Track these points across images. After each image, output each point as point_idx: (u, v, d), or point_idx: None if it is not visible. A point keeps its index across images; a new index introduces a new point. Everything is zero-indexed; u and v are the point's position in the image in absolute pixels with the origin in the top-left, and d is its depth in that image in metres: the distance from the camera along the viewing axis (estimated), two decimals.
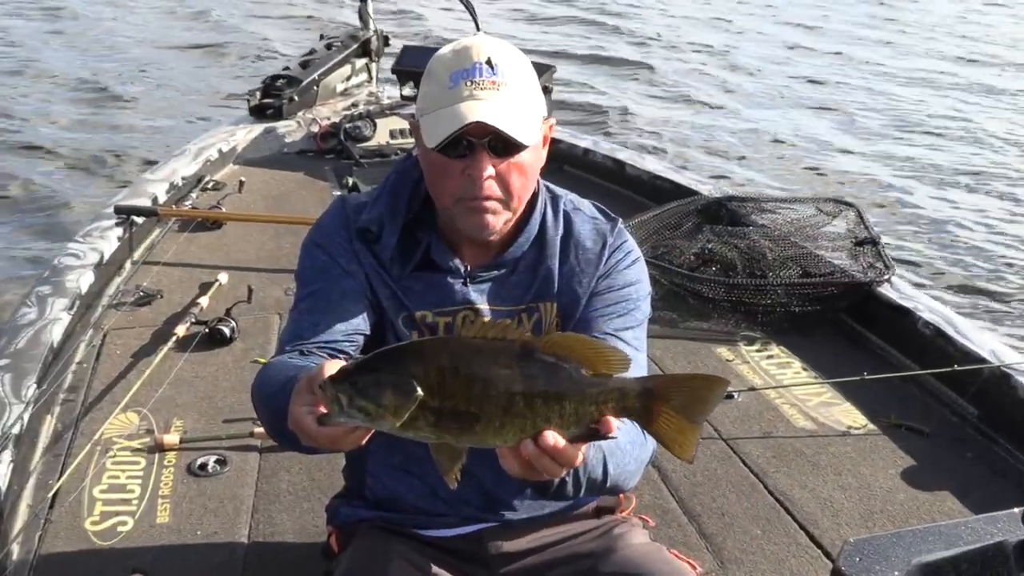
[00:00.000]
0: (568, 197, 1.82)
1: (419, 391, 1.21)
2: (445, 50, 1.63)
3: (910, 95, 11.94)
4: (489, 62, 1.56)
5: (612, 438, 1.28)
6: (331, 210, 1.80)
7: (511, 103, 1.56)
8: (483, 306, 1.73)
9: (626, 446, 1.59)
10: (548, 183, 1.82)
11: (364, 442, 1.30)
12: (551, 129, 1.71)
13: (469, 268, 1.73)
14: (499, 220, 1.64)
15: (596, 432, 1.27)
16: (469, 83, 1.55)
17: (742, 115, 10.86)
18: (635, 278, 1.79)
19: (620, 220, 1.83)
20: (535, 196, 1.74)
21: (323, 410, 1.25)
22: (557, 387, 1.25)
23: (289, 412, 1.33)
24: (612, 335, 1.72)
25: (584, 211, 1.81)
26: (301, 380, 1.33)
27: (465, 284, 1.73)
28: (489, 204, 1.61)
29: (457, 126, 1.53)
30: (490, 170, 1.58)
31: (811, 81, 12.58)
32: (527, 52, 1.72)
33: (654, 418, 1.28)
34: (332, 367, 1.27)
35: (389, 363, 1.23)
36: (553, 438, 1.24)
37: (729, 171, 8.76)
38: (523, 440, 1.25)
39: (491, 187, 1.59)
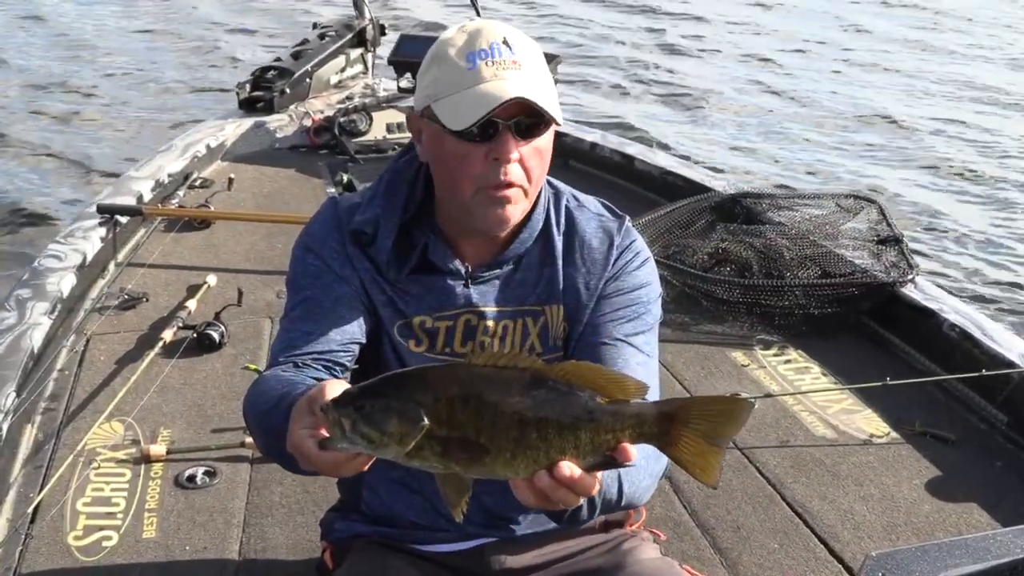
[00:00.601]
0: (570, 193, 1.82)
1: (425, 420, 1.20)
2: (451, 34, 1.62)
3: (931, 90, 11.92)
4: (506, 42, 1.57)
5: (630, 466, 1.27)
6: (322, 212, 1.80)
7: (535, 80, 1.57)
8: (486, 308, 1.73)
9: (640, 462, 1.58)
10: (549, 178, 1.81)
11: (366, 468, 1.30)
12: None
13: (470, 268, 1.73)
14: (517, 210, 1.64)
15: (613, 460, 1.26)
16: (491, 63, 1.55)
17: (760, 108, 10.85)
18: (645, 280, 1.79)
19: (627, 217, 1.83)
20: (538, 191, 1.74)
21: (324, 433, 1.25)
22: (571, 416, 1.24)
23: (288, 434, 1.33)
24: (622, 341, 1.72)
25: (588, 208, 1.81)
26: (301, 401, 1.33)
27: (466, 285, 1.73)
28: (511, 192, 1.60)
29: (491, 105, 1.52)
30: (516, 153, 1.58)
31: (831, 72, 12.57)
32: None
33: (674, 443, 1.27)
34: (333, 388, 1.27)
35: (395, 389, 1.23)
36: (569, 469, 1.23)
37: (744, 166, 8.76)
38: (537, 471, 1.24)
39: (515, 172, 1.59)
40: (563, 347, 1.77)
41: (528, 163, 1.60)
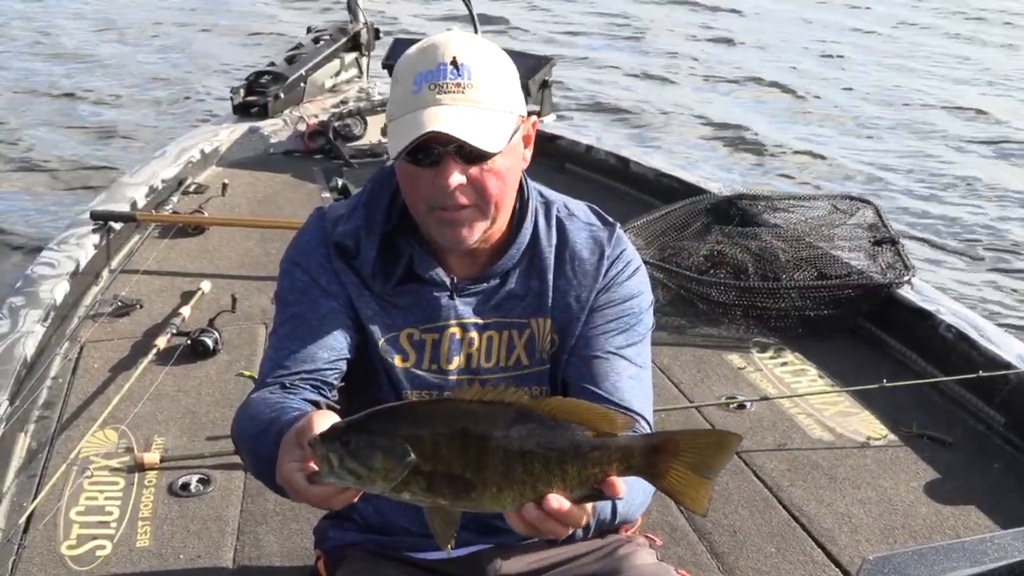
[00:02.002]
0: (561, 202, 1.80)
1: (411, 456, 1.22)
2: (412, 49, 1.62)
3: (927, 88, 11.94)
4: (455, 62, 1.54)
5: (619, 499, 1.28)
6: (309, 225, 1.79)
7: (477, 107, 1.54)
8: (471, 320, 1.72)
9: (633, 480, 1.58)
10: (541, 187, 1.81)
11: (355, 500, 1.31)
12: (535, 127, 1.69)
13: (456, 280, 1.72)
14: (476, 230, 1.63)
15: (601, 493, 1.27)
16: (432, 87, 1.54)
17: (754, 110, 10.86)
18: (636, 290, 1.78)
19: (618, 225, 1.82)
20: (526, 203, 1.73)
21: (313, 467, 1.27)
22: (557, 450, 1.25)
23: (278, 467, 1.34)
24: (614, 354, 1.72)
25: (579, 217, 1.79)
26: (290, 433, 1.34)
27: (452, 297, 1.72)
28: (463, 214, 1.60)
29: (414, 135, 1.52)
30: (459, 178, 1.56)
31: (826, 74, 12.58)
32: (528, 44, 1.70)
33: (662, 475, 1.29)
34: (321, 421, 1.29)
35: (381, 424, 1.25)
36: (557, 502, 1.24)
37: (739, 168, 8.76)
38: (524, 504, 1.25)
39: (463, 195, 1.57)
40: (551, 360, 1.76)
41: (481, 184, 1.58)
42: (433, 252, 1.72)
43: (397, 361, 1.73)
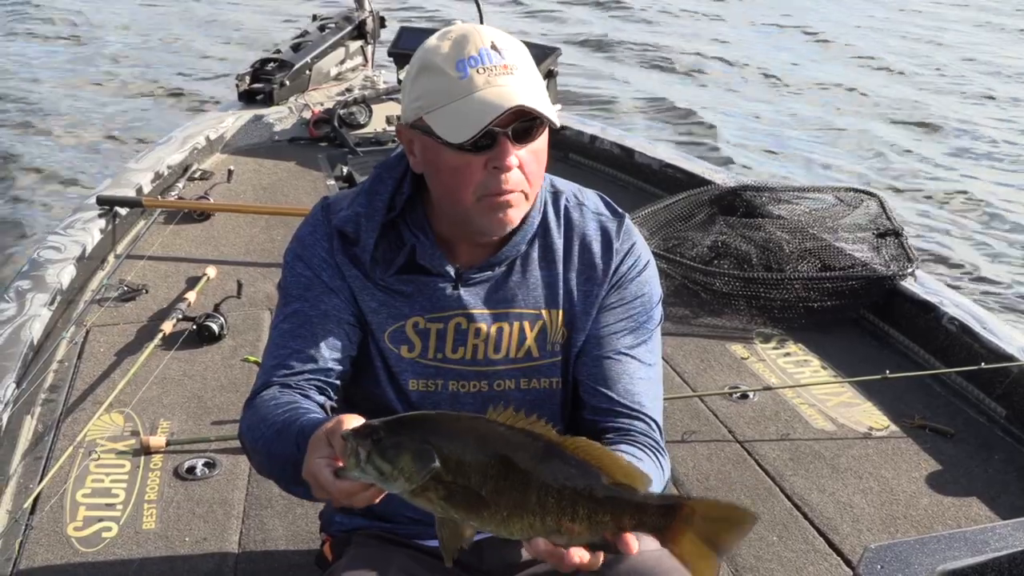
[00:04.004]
0: (571, 191, 1.80)
1: (436, 463, 1.25)
2: (436, 41, 1.59)
3: (931, 79, 11.92)
4: (494, 46, 1.54)
5: (631, 554, 1.30)
6: (312, 216, 1.78)
7: (528, 83, 1.55)
8: (476, 311, 1.71)
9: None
10: (553, 176, 1.80)
11: (376, 501, 1.35)
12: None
13: (460, 269, 1.71)
14: (519, 213, 1.63)
15: (612, 545, 1.30)
16: (482, 69, 1.53)
17: (760, 101, 10.84)
18: (646, 287, 1.78)
19: (627, 216, 1.81)
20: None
21: (340, 464, 1.30)
22: (572, 489, 1.28)
23: (305, 463, 1.37)
24: (625, 355, 1.73)
25: (588, 206, 1.79)
26: (319, 432, 1.36)
27: (456, 287, 1.71)
28: (512, 197, 1.59)
29: (491, 115, 1.50)
30: (515, 159, 1.56)
31: (829, 63, 12.56)
32: (532, 34, 1.71)
33: (674, 539, 1.30)
34: (352, 420, 1.32)
35: (414, 429, 1.28)
36: (567, 542, 1.29)
37: (744, 159, 8.75)
38: (533, 537, 1.29)
39: (515, 178, 1.57)
40: (561, 352, 1.76)
41: (527, 167, 1.59)
42: (441, 241, 1.70)
43: (403, 351, 1.73)
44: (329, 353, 1.69)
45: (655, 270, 1.82)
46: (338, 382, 1.72)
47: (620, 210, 1.81)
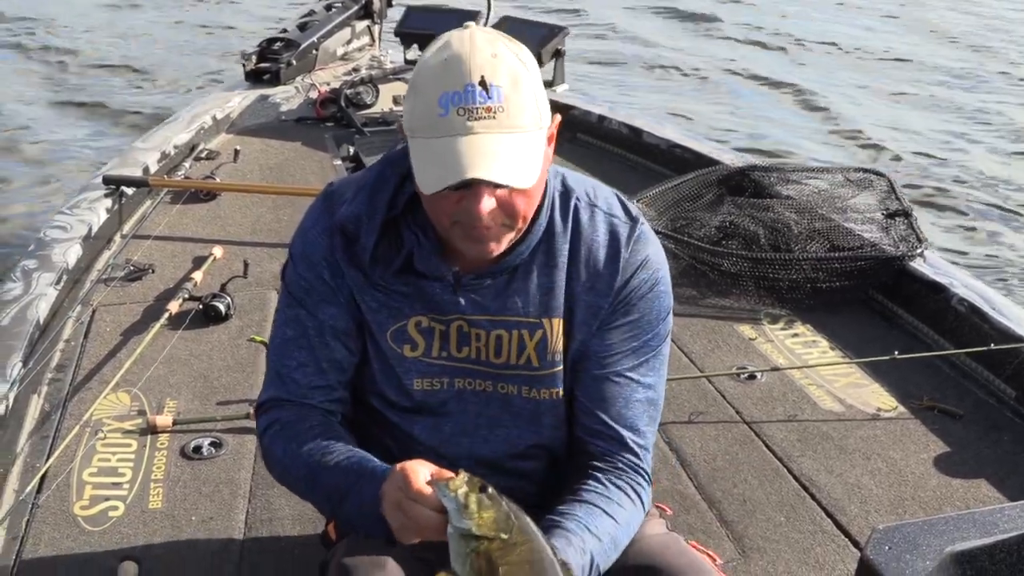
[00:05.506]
0: (582, 190, 1.71)
1: (505, 536, 1.35)
2: (432, 56, 1.51)
3: (944, 56, 11.85)
4: (483, 82, 1.44)
5: None
6: (315, 208, 1.74)
7: (511, 132, 1.46)
8: (476, 316, 1.67)
9: (611, 547, 1.64)
10: (565, 172, 1.73)
11: (419, 539, 1.44)
12: (558, 126, 1.59)
13: (459, 274, 1.66)
14: (503, 243, 1.57)
15: None
16: (462, 111, 1.44)
17: (769, 80, 10.79)
18: (656, 304, 1.72)
19: (640, 220, 1.73)
20: (543, 195, 1.65)
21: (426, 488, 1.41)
22: None
23: (396, 471, 1.46)
24: (626, 378, 1.70)
25: (600, 206, 1.71)
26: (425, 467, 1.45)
27: (455, 292, 1.67)
28: (490, 231, 1.53)
29: (453, 180, 1.44)
30: (490, 203, 1.49)
31: (839, 43, 12.49)
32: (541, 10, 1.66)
33: None
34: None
35: (511, 506, 1.38)
36: None
37: (753, 139, 8.72)
38: None
39: (492, 217, 1.51)
40: (563, 362, 1.72)
41: (511, 205, 1.52)
42: (441, 242, 1.64)
43: (406, 351, 1.71)
44: (332, 363, 1.71)
45: (667, 282, 1.75)
46: (346, 389, 1.75)
47: (635, 212, 1.73)
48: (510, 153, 1.46)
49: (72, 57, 10.66)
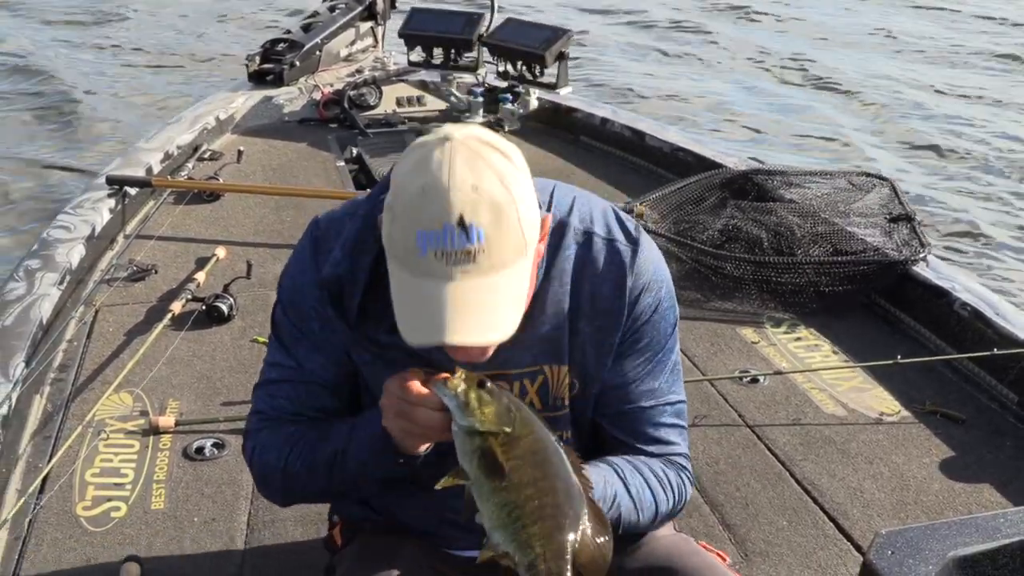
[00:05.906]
0: (576, 219, 1.62)
1: (508, 429, 1.36)
2: (409, 175, 1.37)
3: (945, 62, 11.85)
4: (462, 222, 1.31)
5: None
6: (302, 259, 1.66)
7: (490, 275, 1.35)
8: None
9: (639, 499, 1.64)
10: (552, 186, 1.64)
11: (422, 450, 1.48)
12: (547, 225, 1.49)
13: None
14: (490, 351, 1.47)
15: None
16: (439, 253, 1.32)
17: (772, 85, 10.79)
18: (665, 319, 1.67)
19: (640, 240, 1.64)
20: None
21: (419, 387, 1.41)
22: (558, 542, 1.36)
23: (390, 383, 1.46)
24: (650, 402, 1.69)
25: (598, 232, 1.62)
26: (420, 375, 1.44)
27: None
28: (471, 353, 1.45)
29: (432, 341, 1.35)
30: (473, 350, 1.44)
31: (846, 46, 12.49)
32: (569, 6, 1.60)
33: None
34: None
35: (515, 401, 1.40)
36: None
37: (756, 143, 8.71)
38: (497, 544, 1.37)
39: (480, 353, 1.46)
40: (568, 406, 1.67)
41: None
42: None
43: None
44: (319, 414, 1.69)
45: (672, 294, 1.69)
46: (342, 408, 1.72)
47: (633, 230, 1.65)
48: (492, 302, 1.36)
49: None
